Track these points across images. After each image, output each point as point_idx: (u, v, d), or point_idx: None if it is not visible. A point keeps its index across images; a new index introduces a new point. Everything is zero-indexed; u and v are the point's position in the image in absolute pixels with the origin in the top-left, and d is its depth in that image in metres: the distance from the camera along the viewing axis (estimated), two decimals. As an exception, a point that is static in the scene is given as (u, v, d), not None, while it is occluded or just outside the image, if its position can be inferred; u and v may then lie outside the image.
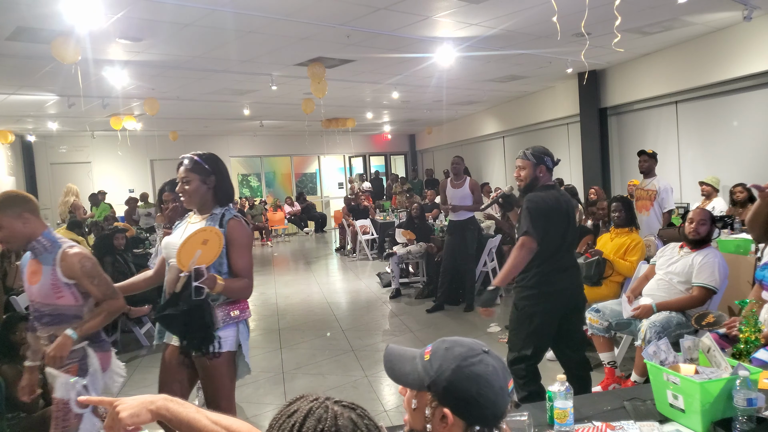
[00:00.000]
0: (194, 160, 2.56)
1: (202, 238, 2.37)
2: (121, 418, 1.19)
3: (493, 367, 1.20)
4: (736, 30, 6.81)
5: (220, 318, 2.47)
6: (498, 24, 6.06)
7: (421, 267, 7.96)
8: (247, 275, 2.53)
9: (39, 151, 13.60)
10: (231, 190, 2.65)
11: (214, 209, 2.57)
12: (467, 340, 1.25)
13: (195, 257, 2.32)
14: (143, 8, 4.98)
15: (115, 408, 1.22)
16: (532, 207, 3.11)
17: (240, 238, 2.52)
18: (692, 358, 2.07)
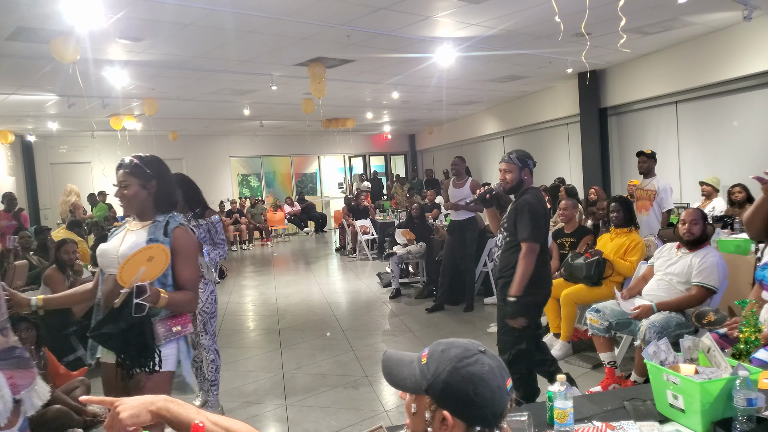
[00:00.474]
0: (133, 163, 2.40)
1: (147, 255, 2.22)
2: (122, 418, 1.20)
3: (489, 367, 1.19)
4: (736, 30, 6.81)
5: (162, 334, 2.30)
6: (498, 24, 6.06)
7: (421, 267, 7.96)
8: (192, 287, 2.38)
9: (39, 151, 13.59)
10: (174, 196, 2.49)
11: (157, 216, 2.41)
12: (463, 341, 1.25)
13: (138, 274, 2.17)
14: (143, 8, 4.98)
15: (115, 408, 1.22)
16: (534, 213, 3.23)
17: (186, 248, 2.37)
18: (692, 358, 2.07)
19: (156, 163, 2.47)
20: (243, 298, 8.01)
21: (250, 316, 7.02)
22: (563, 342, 4.71)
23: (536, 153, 12.68)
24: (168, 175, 2.49)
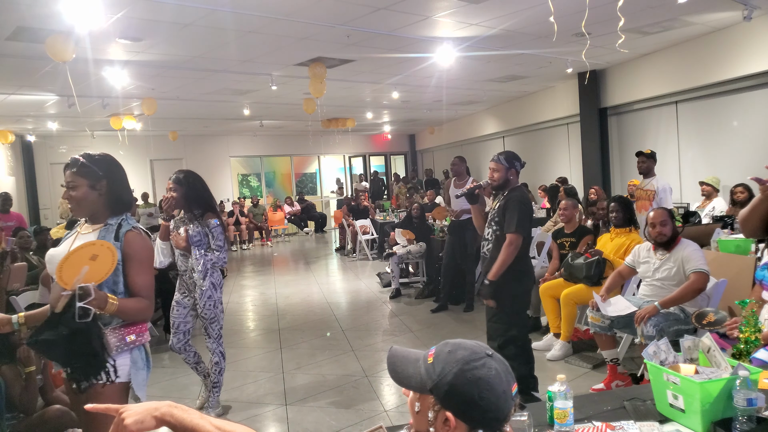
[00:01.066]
0: (80, 162, 2.23)
1: (90, 252, 2.06)
2: (126, 424, 1.21)
3: (495, 371, 1.19)
4: (736, 30, 6.81)
5: (114, 344, 2.15)
6: (498, 24, 6.06)
7: (421, 267, 7.96)
8: (146, 294, 2.24)
9: (39, 151, 13.60)
10: (127, 196, 2.34)
11: (109, 219, 2.26)
12: (470, 343, 1.24)
13: (81, 274, 2.01)
14: (143, 8, 4.98)
15: (120, 415, 1.24)
16: (522, 208, 3.54)
17: (138, 252, 2.23)
18: (692, 358, 2.06)
19: (106, 162, 2.29)
20: (243, 298, 8.01)
21: (250, 316, 7.02)
22: (563, 342, 4.71)
23: (536, 153, 12.72)
24: (119, 175, 2.33)
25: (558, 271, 5.15)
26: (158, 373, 4.98)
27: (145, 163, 15.04)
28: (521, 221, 3.49)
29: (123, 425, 1.22)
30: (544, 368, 4.51)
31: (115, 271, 2.16)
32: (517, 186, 3.67)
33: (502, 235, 3.53)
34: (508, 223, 3.51)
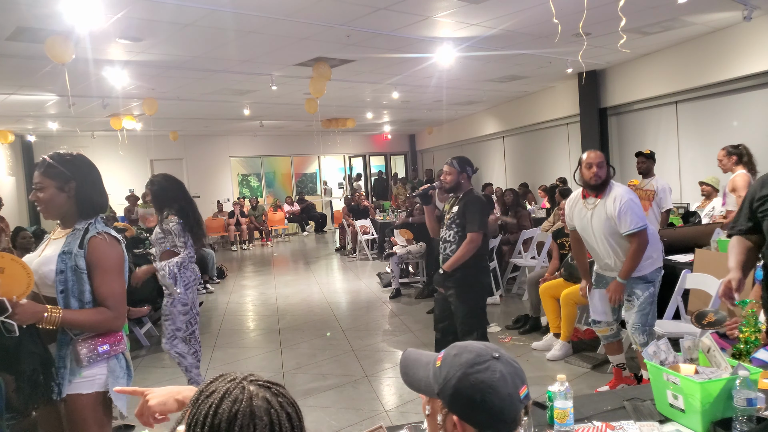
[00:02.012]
0: (47, 163, 2.12)
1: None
2: (150, 405, 1.31)
3: (500, 374, 1.16)
4: (736, 30, 6.81)
5: (84, 354, 2.06)
6: (498, 24, 6.06)
7: (421, 267, 7.96)
8: (111, 304, 2.12)
9: (39, 151, 13.58)
10: (99, 198, 2.21)
11: (77, 223, 2.15)
12: (477, 345, 1.23)
13: None
14: (143, 8, 4.98)
15: (145, 397, 1.33)
16: (483, 209, 3.85)
17: (102, 259, 2.10)
18: (692, 358, 2.06)
19: (76, 163, 2.17)
20: (243, 298, 8.01)
21: (250, 316, 7.02)
22: (563, 342, 4.71)
23: (536, 153, 12.72)
24: (90, 176, 2.20)
25: (558, 271, 5.15)
26: (158, 373, 4.98)
27: (145, 163, 15.04)
28: (482, 220, 3.79)
29: (147, 406, 1.31)
30: (544, 368, 4.51)
31: (81, 280, 2.07)
32: (471, 189, 3.93)
33: (464, 235, 3.78)
34: (470, 222, 3.76)
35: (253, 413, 0.89)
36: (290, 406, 0.94)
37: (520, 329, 5.56)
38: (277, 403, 0.92)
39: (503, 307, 6.64)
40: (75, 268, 2.07)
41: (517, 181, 11.85)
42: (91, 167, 2.23)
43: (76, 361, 2.08)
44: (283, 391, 0.96)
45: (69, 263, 2.07)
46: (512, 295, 7.17)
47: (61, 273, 2.06)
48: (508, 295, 7.18)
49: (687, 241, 4.85)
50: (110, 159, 14.34)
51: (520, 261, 7.31)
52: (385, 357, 5.10)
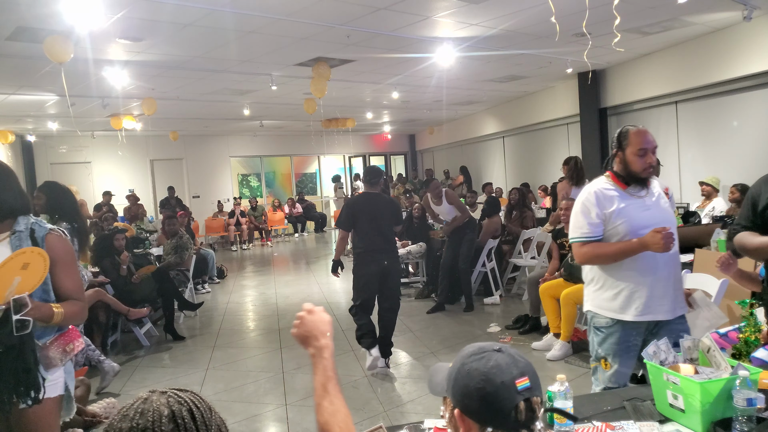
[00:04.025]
0: None
1: (21, 261, 1.94)
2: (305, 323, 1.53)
3: (495, 362, 1.16)
4: (736, 30, 6.81)
5: (58, 357, 2.07)
6: (498, 24, 6.06)
7: (421, 267, 7.96)
8: (79, 296, 2.15)
9: (39, 151, 13.60)
10: (14, 200, 2.12)
11: (16, 225, 2.10)
12: (484, 343, 1.25)
13: (13, 286, 1.90)
14: (143, 8, 4.98)
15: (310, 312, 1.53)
16: (344, 208, 4.84)
17: (64, 255, 2.12)
18: (692, 358, 2.06)
19: None
20: (243, 298, 8.01)
21: (250, 316, 7.02)
22: (563, 342, 4.71)
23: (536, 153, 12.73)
24: (2, 180, 2.12)
25: (558, 271, 5.15)
26: (158, 373, 4.98)
27: (145, 163, 15.04)
28: (339, 219, 4.83)
29: (303, 321, 1.52)
30: (544, 368, 4.51)
31: (45, 280, 2.05)
32: (360, 194, 4.89)
33: None
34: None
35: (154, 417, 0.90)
36: (192, 404, 0.93)
37: (520, 329, 5.56)
38: (176, 402, 0.92)
39: (503, 307, 6.64)
40: None
41: (517, 181, 11.85)
42: (1, 171, 2.16)
43: (46, 365, 2.05)
44: (181, 394, 0.95)
45: None
46: (512, 295, 7.17)
47: None
48: (508, 295, 7.17)
49: (687, 241, 4.85)
50: (110, 159, 14.35)
51: (520, 261, 7.31)
52: (385, 357, 5.09)
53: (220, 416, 0.98)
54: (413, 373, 4.66)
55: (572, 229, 2.63)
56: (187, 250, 7.11)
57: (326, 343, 1.48)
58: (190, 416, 0.92)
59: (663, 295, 2.52)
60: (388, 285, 4.74)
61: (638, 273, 2.51)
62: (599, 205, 2.57)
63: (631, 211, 2.54)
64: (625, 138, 2.60)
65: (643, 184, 2.60)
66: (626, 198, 2.58)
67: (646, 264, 2.50)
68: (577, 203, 2.65)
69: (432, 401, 3.97)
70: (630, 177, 2.59)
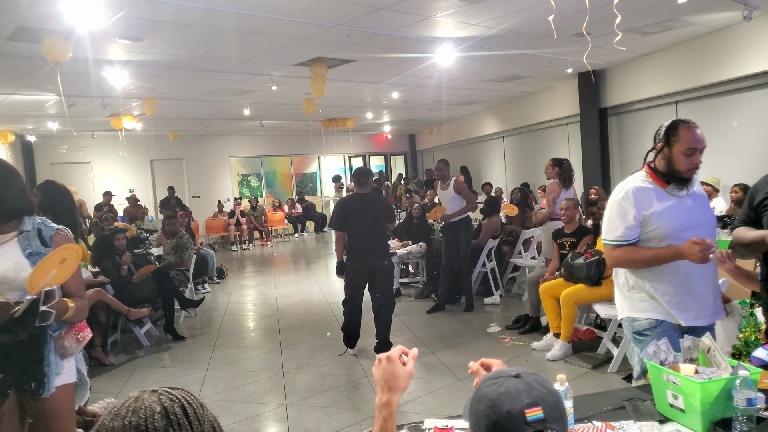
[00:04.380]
0: None
1: (60, 257, 2.03)
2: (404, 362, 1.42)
3: (506, 389, 1.11)
4: (736, 30, 6.81)
5: (74, 345, 2.16)
6: (498, 24, 6.06)
7: (421, 267, 7.96)
8: (82, 293, 2.26)
9: (39, 151, 13.60)
10: (16, 200, 2.16)
11: (22, 225, 2.15)
12: (508, 369, 1.21)
13: (48, 278, 2.00)
14: (143, 8, 4.98)
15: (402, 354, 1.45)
16: (335, 209, 5.10)
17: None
18: (692, 358, 2.06)
19: None
20: (243, 298, 8.01)
21: (250, 316, 7.02)
22: (563, 342, 4.71)
23: (536, 153, 12.69)
24: (6, 178, 2.16)
25: (558, 271, 5.15)
26: (158, 373, 4.98)
27: (145, 163, 15.04)
28: (333, 219, 5.08)
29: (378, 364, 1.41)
30: (544, 368, 4.51)
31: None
32: (350, 194, 5.23)
33: None
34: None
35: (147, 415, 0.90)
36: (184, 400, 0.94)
37: (520, 329, 5.56)
38: (168, 399, 0.92)
39: (503, 307, 6.64)
40: None
41: (517, 181, 11.85)
42: (8, 169, 2.19)
43: (62, 355, 2.16)
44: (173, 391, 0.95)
45: None
46: (512, 295, 7.17)
47: None
48: (508, 295, 7.18)
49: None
50: (110, 159, 14.36)
51: (520, 261, 7.31)
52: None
53: (212, 413, 0.98)
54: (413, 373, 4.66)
55: (606, 230, 2.46)
56: (187, 250, 7.11)
57: (389, 400, 1.36)
58: (182, 412, 0.92)
59: (705, 299, 2.43)
60: (377, 281, 4.93)
61: (683, 276, 2.38)
62: (637, 206, 2.38)
63: (672, 213, 2.37)
64: (674, 133, 2.37)
65: (685, 183, 2.42)
66: (666, 198, 2.39)
67: (691, 267, 2.34)
68: (613, 202, 2.47)
69: (432, 401, 3.98)
70: (671, 176, 2.39)
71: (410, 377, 1.41)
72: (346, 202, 5.13)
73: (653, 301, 2.41)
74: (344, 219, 4.93)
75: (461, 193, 6.35)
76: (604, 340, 4.66)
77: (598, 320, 5.17)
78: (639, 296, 2.46)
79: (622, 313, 2.54)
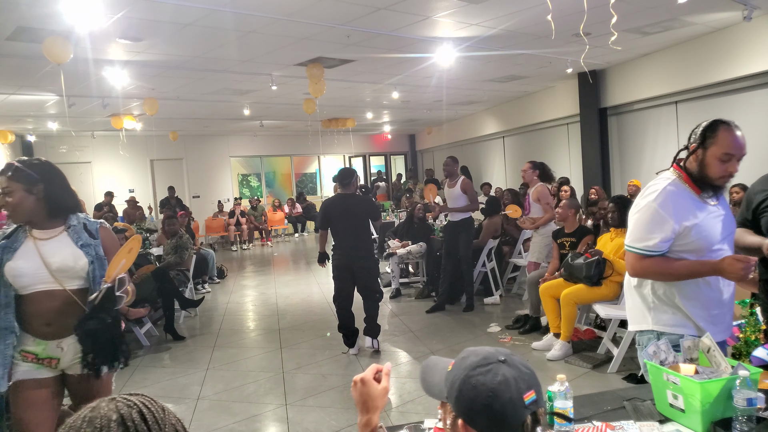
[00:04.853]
0: (15, 167, 2.27)
1: (129, 246, 2.31)
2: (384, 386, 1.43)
3: (503, 377, 1.13)
4: (736, 30, 6.81)
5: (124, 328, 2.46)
6: (498, 24, 6.06)
7: (421, 267, 7.96)
8: None
9: (39, 151, 13.58)
10: (68, 198, 2.39)
11: (69, 221, 2.36)
12: (486, 350, 1.21)
13: (119, 266, 2.25)
14: (143, 8, 4.98)
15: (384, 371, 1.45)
16: (320, 211, 5.35)
17: (114, 245, 2.45)
18: (692, 358, 2.06)
19: (41, 166, 2.35)
20: (243, 298, 8.01)
21: (250, 316, 7.02)
22: (563, 342, 4.71)
23: (536, 153, 12.70)
24: (57, 178, 2.39)
25: (558, 271, 5.15)
26: (158, 373, 4.98)
27: (145, 163, 15.03)
28: (318, 219, 5.53)
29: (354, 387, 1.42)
30: (544, 368, 4.51)
31: (103, 265, 2.35)
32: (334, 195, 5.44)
33: None
34: None
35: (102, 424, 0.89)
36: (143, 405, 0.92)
37: (520, 329, 5.56)
38: (125, 406, 0.91)
39: (503, 307, 6.64)
40: (98, 257, 2.36)
41: (517, 181, 11.84)
42: (56, 171, 2.42)
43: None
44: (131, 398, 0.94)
45: (92, 253, 2.34)
46: (512, 295, 7.17)
47: (91, 263, 2.33)
48: (508, 295, 7.18)
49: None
50: (110, 159, 14.35)
51: (520, 261, 7.31)
52: (385, 357, 5.10)
53: (175, 416, 0.96)
54: (413, 373, 4.66)
55: (635, 238, 2.21)
56: (187, 250, 7.12)
57: (369, 420, 1.40)
58: (140, 418, 0.90)
59: (729, 312, 2.27)
60: (360, 276, 5.15)
61: (716, 290, 2.20)
62: (677, 217, 2.13)
63: (709, 226, 2.16)
64: (712, 134, 2.14)
65: (717, 190, 2.22)
66: (702, 208, 2.18)
67: (722, 280, 2.20)
68: (648, 207, 2.18)
69: (432, 401, 3.97)
70: (702, 181, 2.18)
71: (386, 394, 1.43)
72: (330, 202, 5.33)
73: (682, 316, 2.21)
74: (326, 219, 5.21)
75: (467, 193, 6.36)
76: (604, 340, 4.66)
77: (598, 320, 5.17)
78: (666, 309, 2.24)
79: (643, 324, 2.31)
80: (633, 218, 2.24)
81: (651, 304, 2.26)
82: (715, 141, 2.13)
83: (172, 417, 0.95)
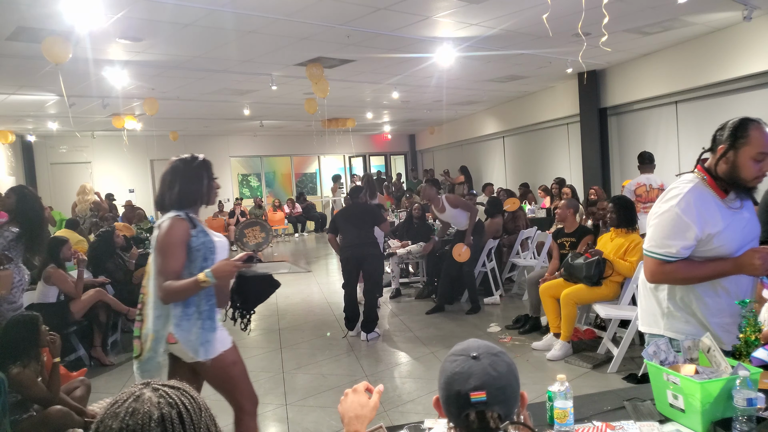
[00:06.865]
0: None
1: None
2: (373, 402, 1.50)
3: (460, 370, 1.23)
4: (736, 30, 6.81)
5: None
6: (498, 24, 6.06)
7: (421, 267, 7.96)
8: None
9: (39, 151, 13.60)
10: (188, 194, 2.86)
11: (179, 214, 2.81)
12: (477, 343, 1.33)
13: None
14: (143, 8, 4.98)
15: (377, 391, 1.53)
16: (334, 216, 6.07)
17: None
18: (692, 358, 2.06)
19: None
20: (243, 298, 8.00)
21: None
22: (563, 342, 4.71)
23: (536, 153, 12.69)
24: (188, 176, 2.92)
25: (558, 271, 5.15)
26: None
27: (146, 163, 15.03)
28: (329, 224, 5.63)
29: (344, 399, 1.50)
30: (544, 368, 4.51)
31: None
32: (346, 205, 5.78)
33: None
34: None
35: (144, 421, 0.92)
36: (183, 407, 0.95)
37: (520, 329, 5.56)
38: (167, 405, 0.94)
39: (503, 307, 6.64)
40: None
41: (518, 181, 11.85)
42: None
43: None
44: (173, 394, 0.97)
45: None
46: (512, 295, 7.17)
47: None
48: (508, 295, 7.18)
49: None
50: (110, 159, 14.35)
51: (519, 261, 7.31)
52: (385, 357, 5.10)
53: (211, 414, 1.01)
54: (413, 373, 4.66)
55: (655, 243, 2.13)
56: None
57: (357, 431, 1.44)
58: (179, 419, 0.94)
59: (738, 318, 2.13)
60: (365, 269, 5.70)
61: (734, 296, 2.12)
62: (701, 224, 2.04)
63: (733, 232, 2.08)
64: (744, 134, 2.06)
65: (748, 192, 2.12)
66: (727, 214, 2.09)
67: (738, 286, 2.14)
68: (670, 212, 2.10)
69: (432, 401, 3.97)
70: (732, 184, 2.08)
71: (375, 408, 1.50)
72: (342, 211, 6.19)
73: (697, 323, 2.16)
74: (336, 225, 5.91)
75: (459, 205, 6.43)
76: (604, 340, 4.66)
77: (598, 320, 5.17)
78: (680, 316, 2.18)
79: (654, 329, 2.25)
80: (653, 222, 2.16)
81: (665, 310, 2.21)
82: (747, 141, 2.04)
83: (208, 417, 1.00)
